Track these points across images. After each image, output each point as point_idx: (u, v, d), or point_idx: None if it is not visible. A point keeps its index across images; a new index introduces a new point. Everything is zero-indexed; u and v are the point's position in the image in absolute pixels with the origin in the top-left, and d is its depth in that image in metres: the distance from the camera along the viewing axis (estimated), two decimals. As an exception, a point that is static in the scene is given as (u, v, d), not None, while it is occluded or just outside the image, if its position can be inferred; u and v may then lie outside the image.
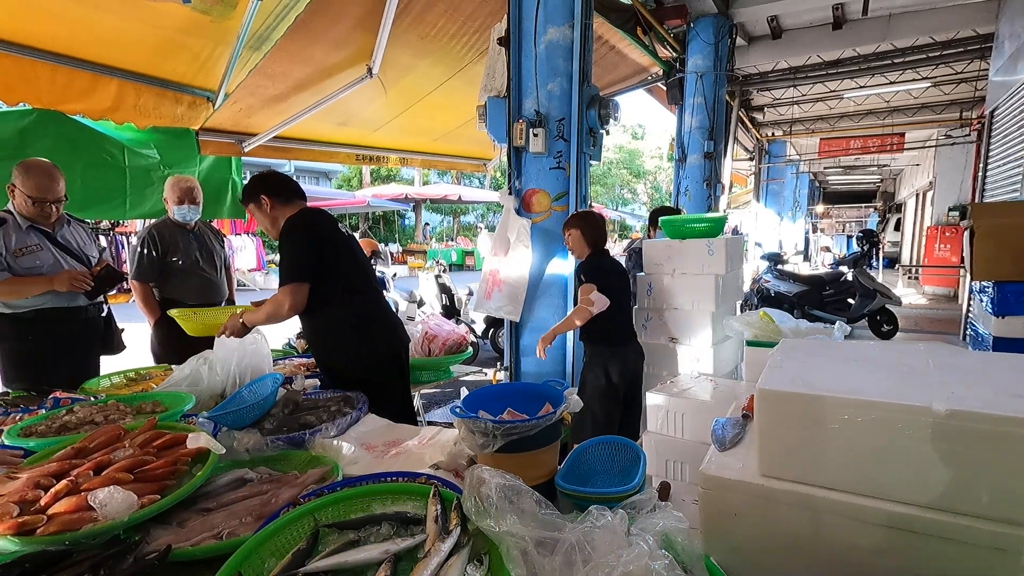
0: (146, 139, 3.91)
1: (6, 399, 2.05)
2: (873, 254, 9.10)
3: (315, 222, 2.22)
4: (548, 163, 3.64)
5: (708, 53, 6.79)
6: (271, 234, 2.28)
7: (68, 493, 1.14)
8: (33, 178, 2.49)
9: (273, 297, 2.17)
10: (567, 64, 3.56)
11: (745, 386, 2.44)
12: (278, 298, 2.14)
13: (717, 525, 1.06)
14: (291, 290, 2.11)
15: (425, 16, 4.02)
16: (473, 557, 0.95)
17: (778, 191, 15.36)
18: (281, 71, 3.94)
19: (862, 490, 0.95)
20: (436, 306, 7.06)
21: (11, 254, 2.48)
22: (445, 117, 5.52)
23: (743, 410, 1.36)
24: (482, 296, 3.86)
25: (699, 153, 7.06)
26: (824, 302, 7.65)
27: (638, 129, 38.25)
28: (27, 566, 0.94)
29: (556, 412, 1.31)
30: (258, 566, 0.97)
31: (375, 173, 24.23)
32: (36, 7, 2.86)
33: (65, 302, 2.62)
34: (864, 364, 1.15)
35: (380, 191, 19.73)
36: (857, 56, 8.19)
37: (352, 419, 1.79)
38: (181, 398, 1.84)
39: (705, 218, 3.49)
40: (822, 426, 0.96)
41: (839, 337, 2.28)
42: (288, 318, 2.18)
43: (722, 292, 3.31)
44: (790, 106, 10.94)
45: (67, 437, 1.50)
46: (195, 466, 1.33)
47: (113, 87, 3.44)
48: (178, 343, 2.99)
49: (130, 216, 4.13)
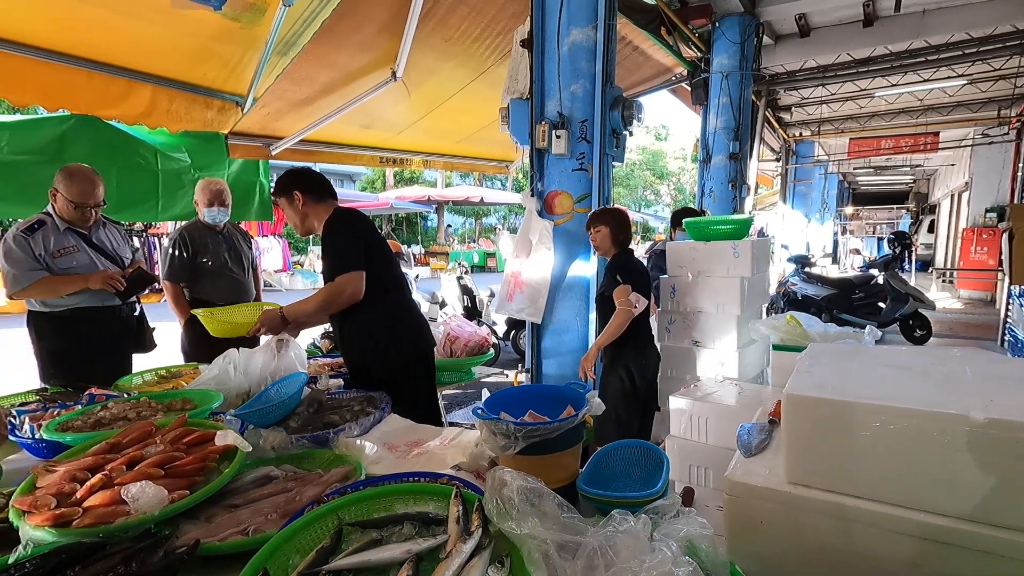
0: (178, 143, 4.02)
1: (44, 395, 2.12)
2: (905, 257, 8.85)
3: (357, 220, 2.27)
4: (571, 165, 3.63)
5: (734, 52, 6.70)
6: (298, 230, 2.31)
7: (102, 487, 1.17)
8: (76, 184, 2.59)
9: (328, 285, 2.15)
10: (590, 65, 3.55)
11: (771, 391, 2.39)
12: (335, 285, 2.12)
13: (742, 532, 1.05)
14: (351, 277, 2.12)
15: (448, 19, 4.05)
16: (494, 559, 0.95)
17: (806, 192, 15.05)
18: (307, 75, 4.01)
19: (895, 500, 0.92)
20: (458, 307, 7.09)
21: (50, 255, 2.57)
22: (468, 119, 5.54)
23: (769, 416, 1.33)
24: (504, 298, 3.87)
25: (724, 154, 6.96)
26: (853, 306, 7.46)
27: (661, 130, 37.92)
28: (63, 556, 0.97)
29: (578, 415, 1.30)
30: (283, 563, 0.98)
31: (398, 175, 24.48)
32: (75, 17, 2.97)
33: (99, 302, 2.71)
34: (897, 370, 1.12)
35: (403, 193, 19.93)
36: (889, 54, 7.97)
37: (375, 419, 1.81)
38: (210, 396, 1.88)
39: (730, 220, 3.44)
40: (853, 433, 0.94)
41: (869, 342, 2.21)
42: (346, 305, 2.16)
43: (748, 295, 3.26)
44: (818, 105, 10.71)
45: (102, 432, 1.54)
46: (223, 463, 1.35)
47: (147, 93, 3.55)
48: (207, 342, 3.05)
49: (162, 218, 4.25)
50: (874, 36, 7.40)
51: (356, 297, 2.15)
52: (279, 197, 2.30)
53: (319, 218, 2.28)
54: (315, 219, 2.28)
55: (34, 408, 1.85)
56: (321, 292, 2.18)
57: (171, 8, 3.06)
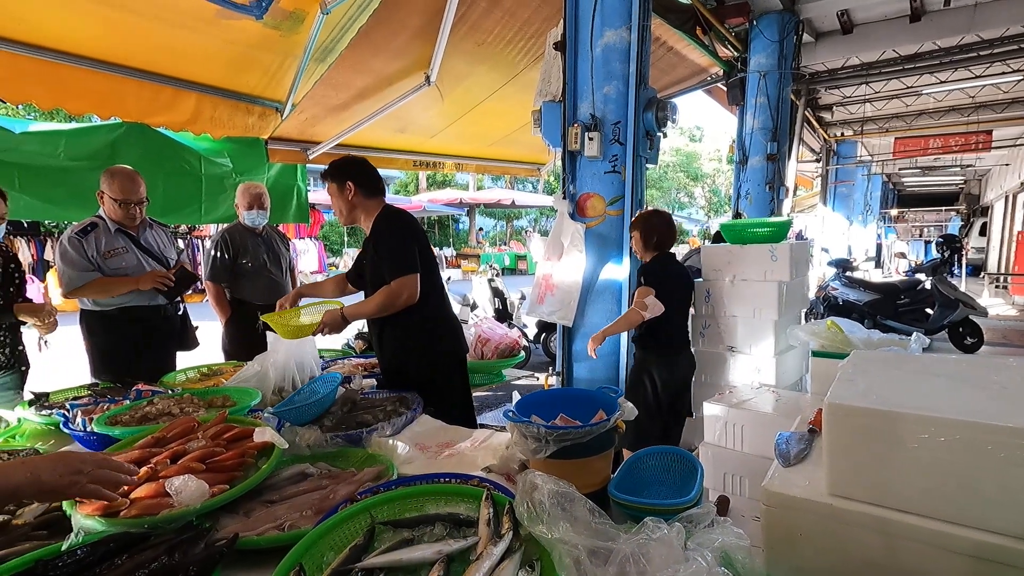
0: (220, 148, 4.16)
1: (95, 389, 2.22)
2: (955, 261, 8.46)
3: (410, 222, 2.32)
4: (603, 167, 3.60)
5: (772, 51, 6.54)
6: (341, 218, 2.33)
7: (148, 479, 1.22)
8: (118, 181, 2.72)
9: (386, 288, 2.18)
10: (623, 67, 3.52)
11: (810, 399, 2.32)
12: (393, 288, 2.16)
13: (781, 544, 1.01)
14: (408, 280, 2.16)
15: (482, 23, 4.08)
16: (525, 562, 0.95)
17: (847, 194, 14.56)
18: (344, 81, 4.10)
19: (945, 516, 0.88)
20: (489, 310, 7.12)
21: (101, 255, 2.69)
22: (500, 122, 5.57)
23: (809, 424, 1.29)
24: (535, 300, 3.86)
25: (761, 155, 6.80)
26: (899, 312, 7.16)
27: (696, 131, 37.29)
28: (111, 545, 1.01)
29: (610, 419, 1.29)
30: (318, 559, 1.00)
31: (431, 178, 24.76)
32: (128, 29, 3.11)
33: (146, 301, 2.82)
34: (946, 380, 1.07)
35: (436, 196, 20.15)
36: (938, 49, 7.64)
37: (407, 419, 1.83)
38: (249, 394, 1.94)
39: (768, 222, 3.35)
40: (899, 445, 0.90)
41: (916, 350, 2.12)
42: (402, 308, 2.19)
43: (786, 300, 3.17)
44: (861, 104, 10.35)
45: (148, 427, 1.61)
46: (260, 459, 1.39)
47: (192, 100, 3.69)
48: (246, 341, 3.16)
49: (205, 221, 4.41)
50: (922, 31, 7.10)
51: (412, 300, 2.18)
52: (331, 181, 2.29)
53: (367, 212, 2.30)
54: (362, 212, 2.30)
55: (86, 402, 1.94)
56: (379, 295, 2.20)
57: (215, 18, 3.17)
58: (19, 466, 0.92)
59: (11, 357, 2.42)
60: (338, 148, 4.80)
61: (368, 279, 2.37)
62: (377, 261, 2.25)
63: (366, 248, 2.39)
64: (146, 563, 0.95)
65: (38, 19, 2.88)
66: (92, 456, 1.00)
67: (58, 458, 0.96)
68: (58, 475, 0.93)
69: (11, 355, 2.42)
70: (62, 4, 2.83)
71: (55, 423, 1.81)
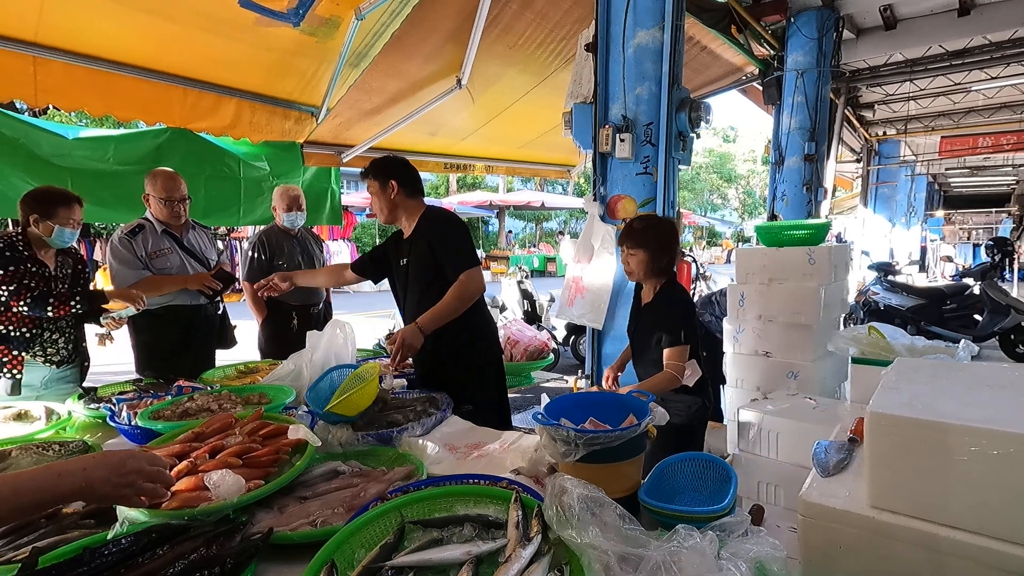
0: (258, 152, 4.28)
1: (139, 385, 2.31)
2: (1006, 265, 8.06)
3: (462, 220, 2.38)
4: (635, 169, 3.57)
5: (810, 49, 6.36)
6: (383, 217, 2.34)
7: (188, 473, 1.26)
8: (160, 180, 2.84)
9: (457, 284, 2.19)
10: (656, 67, 3.48)
11: (850, 407, 2.24)
12: (464, 282, 2.19)
13: (819, 557, 0.98)
14: (475, 273, 2.22)
15: (514, 26, 4.09)
16: (553, 566, 0.94)
17: (889, 195, 14.03)
18: (377, 85, 4.17)
19: (997, 533, 0.83)
20: (518, 312, 7.12)
21: (148, 256, 2.81)
22: (530, 125, 5.57)
23: (850, 433, 1.25)
24: (564, 303, 3.84)
25: (798, 155, 6.62)
26: (944, 318, 6.86)
27: (730, 132, 36.62)
28: (154, 536, 1.05)
29: (641, 424, 1.27)
30: (349, 555, 1.02)
31: (461, 181, 24.94)
32: (172, 37, 3.24)
33: (189, 300, 2.92)
34: (998, 389, 1.02)
35: (466, 198, 20.28)
36: (988, 44, 7.31)
37: (437, 419, 1.84)
38: (284, 391, 1.98)
39: (805, 224, 3.26)
40: (948, 458, 0.86)
41: (964, 357, 2.03)
42: (473, 301, 2.23)
43: (824, 304, 3.07)
44: (905, 102, 9.96)
45: (188, 422, 1.66)
46: (294, 455, 1.42)
47: (232, 106, 3.81)
48: (281, 340, 3.24)
49: (243, 223, 4.54)
50: (971, 25, 6.79)
51: (481, 291, 2.24)
52: (373, 180, 2.29)
53: (408, 212, 2.33)
54: (403, 212, 2.33)
55: (130, 397, 2.02)
56: (452, 292, 2.19)
57: (255, 26, 3.27)
58: (77, 473, 0.93)
59: (73, 352, 2.55)
60: (371, 151, 4.88)
61: (409, 281, 2.35)
62: (432, 259, 2.25)
63: (403, 248, 2.38)
64: (186, 554, 0.98)
65: (91, 30, 3.03)
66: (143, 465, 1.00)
67: (113, 467, 0.96)
68: (111, 486, 0.95)
69: (74, 350, 2.55)
70: (113, 16, 2.97)
71: (102, 416, 1.89)
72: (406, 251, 2.37)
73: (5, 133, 3.09)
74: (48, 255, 2.47)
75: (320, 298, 3.58)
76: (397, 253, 2.43)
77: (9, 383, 2.35)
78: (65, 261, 2.54)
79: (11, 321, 2.34)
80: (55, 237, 2.38)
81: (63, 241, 2.43)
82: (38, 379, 2.44)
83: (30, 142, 3.18)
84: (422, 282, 2.30)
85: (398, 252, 2.42)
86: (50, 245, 2.43)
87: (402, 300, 2.44)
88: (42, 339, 2.43)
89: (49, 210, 2.36)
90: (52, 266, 2.47)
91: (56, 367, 2.48)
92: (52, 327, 2.45)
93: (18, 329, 2.36)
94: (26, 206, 2.38)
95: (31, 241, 2.40)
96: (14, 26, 2.83)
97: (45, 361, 2.44)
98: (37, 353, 2.42)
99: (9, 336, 2.35)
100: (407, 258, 2.36)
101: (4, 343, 2.34)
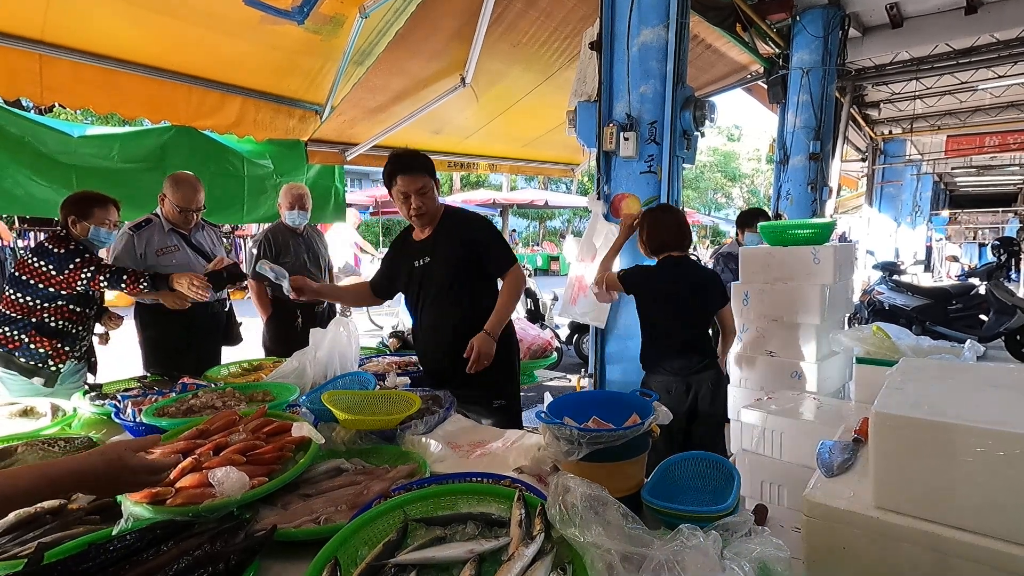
0: (262, 150, 4.29)
1: (144, 382, 2.32)
2: (1012, 265, 8.01)
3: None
4: (639, 167, 3.56)
5: (815, 47, 6.33)
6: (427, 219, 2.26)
7: (192, 470, 1.27)
8: (181, 190, 2.87)
9: (509, 280, 2.28)
10: (661, 66, 3.46)
11: (854, 407, 2.23)
12: (515, 277, 2.29)
13: (823, 558, 0.98)
14: (518, 266, 2.32)
15: (518, 24, 4.08)
16: (556, 565, 0.94)
17: (895, 195, 13.96)
18: (381, 83, 4.17)
19: (1003, 534, 0.83)
20: (521, 310, 7.11)
21: (153, 252, 2.83)
22: (534, 123, 5.57)
23: (855, 433, 1.24)
24: (568, 301, 3.84)
25: (803, 154, 6.59)
26: (949, 318, 6.82)
27: (734, 130, 36.49)
28: (158, 532, 1.05)
29: (644, 423, 1.27)
30: (352, 553, 1.02)
31: (464, 179, 24.92)
32: (177, 36, 3.24)
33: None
34: (1005, 390, 1.01)
35: (469, 197, 20.24)
36: (996, 42, 7.25)
37: (440, 417, 1.84)
38: (288, 389, 1.99)
39: (811, 224, 3.24)
40: (953, 458, 0.86)
41: (970, 358, 2.02)
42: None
43: (829, 304, 3.05)
44: (911, 101, 9.90)
45: (193, 419, 1.67)
46: (298, 453, 1.43)
47: (237, 104, 3.82)
48: (285, 337, 3.25)
49: (247, 220, 4.55)
50: (978, 23, 6.74)
51: (526, 283, 2.27)
52: (430, 177, 2.23)
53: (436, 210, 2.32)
54: (436, 209, 2.31)
55: (135, 394, 2.03)
56: (509, 290, 2.27)
57: (260, 24, 3.27)
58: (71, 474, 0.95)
59: (87, 349, 2.67)
60: (375, 150, 4.88)
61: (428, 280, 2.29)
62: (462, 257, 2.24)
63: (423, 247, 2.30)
64: (190, 550, 0.99)
65: (97, 28, 3.04)
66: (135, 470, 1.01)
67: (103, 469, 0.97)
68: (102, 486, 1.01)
69: (87, 347, 2.67)
70: (119, 14, 2.97)
71: (107, 413, 1.90)
72: (428, 250, 2.29)
73: (11, 131, 3.10)
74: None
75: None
76: (411, 254, 2.34)
77: (46, 376, 2.48)
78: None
79: (63, 316, 2.50)
80: (92, 236, 2.52)
81: (100, 240, 2.57)
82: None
83: (36, 140, 3.20)
84: (444, 280, 2.26)
85: (412, 253, 2.34)
86: (91, 244, 2.55)
87: (416, 299, 2.36)
88: (79, 336, 2.58)
89: (85, 211, 2.50)
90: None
91: (77, 362, 2.62)
92: (85, 324, 2.60)
93: (72, 324, 2.52)
94: (64, 209, 2.51)
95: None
96: (20, 24, 2.84)
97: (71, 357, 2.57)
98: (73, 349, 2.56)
99: (60, 331, 2.50)
100: (429, 257, 2.29)
101: (56, 337, 2.48)
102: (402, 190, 2.19)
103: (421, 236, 2.33)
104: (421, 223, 2.27)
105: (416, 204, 2.19)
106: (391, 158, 2.25)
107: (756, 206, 9.56)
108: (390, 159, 2.25)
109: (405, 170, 2.18)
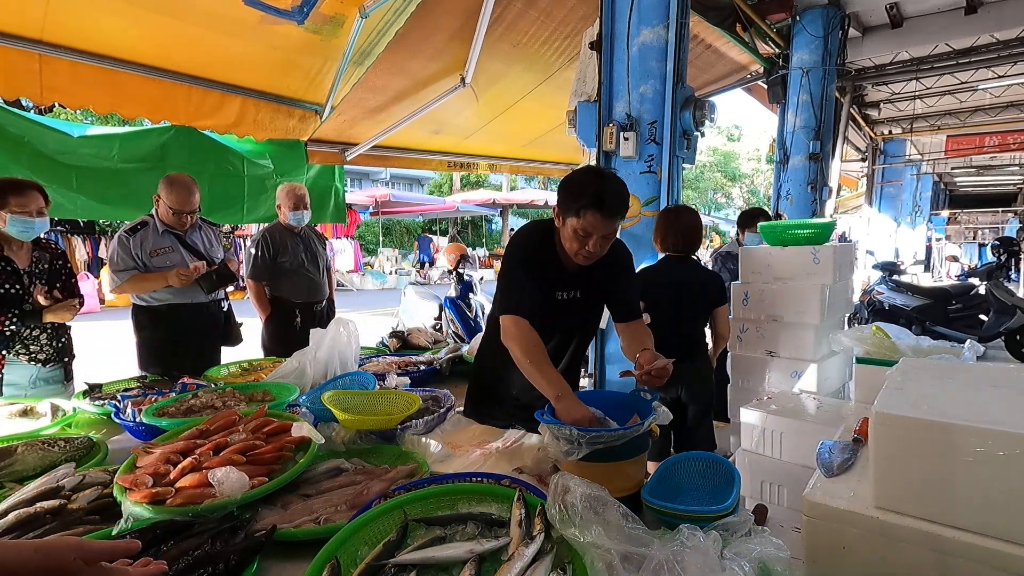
0: (262, 150, 4.29)
1: (144, 382, 2.32)
2: (1012, 265, 8.01)
3: None
4: (639, 167, 3.56)
5: (815, 47, 6.33)
6: (595, 258, 1.83)
7: (192, 470, 1.27)
8: (175, 192, 2.83)
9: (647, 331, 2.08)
10: (660, 66, 3.46)
11: (854, 407, 2.23)
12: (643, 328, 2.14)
13: (823, 557, 0.98)
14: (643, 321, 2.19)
15: (518, 24, 4.08)
16: (556, 565, 0.94)
17: (895, 195, 13.96)
18: (381, 83, 4.17)
19: (1003, 534, 0.83)
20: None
21: (147, 254, 2.82)
22: (534, 123, 5.57)
23: (855, 433, 1.24)
24: (567, 301, 3.83)
25: (803, 154, 6.59)
26: (949, 318, 6.82)
27: (734, 131, 36.49)
28: (158, 532, 1.05)
29: (644, 423, 1.27)
30: (352, 552, 1.02)
31: (464, 179, 24.94)
32: (177, 36, 3.24)
33: (190, 298, 2.93)
34: (1004, 390, 1.01)
35: (469, 196, 20.29)
36: (996, 42, 7.25)
37: (439, 417, 1.84)
38: (288, 389, 1.99)
39: (810, 224, 3.24)
40: (953, 458, 0.86)
41: (970, 358, 2.02)
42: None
43: (828, 304, 3.06)
44: (911, 101, 9.89)
45: (192, 419, 1.67)
46: (298, 453, 1.43)
47: (237, 104, 3.82)
48: (285, 337, 3.25)
49: (247, 220, 4.55)
50: (978, 23, 6.74)
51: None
52: (622, 218, 1.86)
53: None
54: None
55: (135, 394, 2.03)
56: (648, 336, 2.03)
57: (260, 24, 3.27)
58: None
59: (57, 351, 2.45)
60: (375, 149, 4.88)
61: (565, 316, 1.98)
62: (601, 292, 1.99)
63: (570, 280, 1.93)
64: (190, 550, 0.99)
65: (97, 29, 3.04)
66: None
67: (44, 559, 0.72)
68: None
69: (56, 348, 2.44)
70: (119, 14, 2.97)
71: (107, 413, 1.90)
72: (577, 283, 1.93)
73: (10, 131, 3.10)
74: (21, 251, 2.33)
75: (323, 296, 3.58)
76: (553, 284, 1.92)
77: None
78: (42, 256, 2.40)
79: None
80: (9, 227, 2.21)
81: (21, 232, 2.25)
82: (24, 378, 2.35)
83: (35, 140, 3.19)
84: (578, 321, 2.05)
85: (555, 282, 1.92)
86: (15, 238, 2.26)
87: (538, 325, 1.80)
88: (22, 336, 2.30)
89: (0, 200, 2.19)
90: (25, 263, 2.33)
91: (42, 365, 2.37)
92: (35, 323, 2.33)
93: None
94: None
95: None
96: (20, 24, 2.84)
97: (29, 360, 2.33)
98: (20, 351, 2.31)
99: None
100: (578, 291, 1.94)
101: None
102: (587, 228, 1.69)
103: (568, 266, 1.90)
104: (582, 263, 1.84)
105: (593, 249, 1.75)
106: (596, 185, 1.68)
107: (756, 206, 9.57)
108: (594, 185, 1.68)
109: (609, 213, 1.68)
